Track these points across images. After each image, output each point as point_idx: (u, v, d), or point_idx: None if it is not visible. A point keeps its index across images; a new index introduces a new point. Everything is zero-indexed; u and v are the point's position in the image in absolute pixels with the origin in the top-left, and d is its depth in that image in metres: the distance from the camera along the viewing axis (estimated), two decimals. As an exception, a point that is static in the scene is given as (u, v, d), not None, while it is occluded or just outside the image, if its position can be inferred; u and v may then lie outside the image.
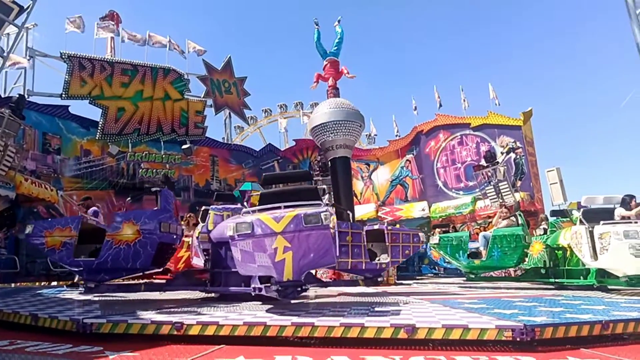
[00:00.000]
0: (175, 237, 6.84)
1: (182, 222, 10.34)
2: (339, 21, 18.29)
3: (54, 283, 13.42)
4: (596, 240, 7.08)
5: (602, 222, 7.08)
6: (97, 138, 19.14)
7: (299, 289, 5.04)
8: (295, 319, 3.77)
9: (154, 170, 20.45)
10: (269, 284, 4.82)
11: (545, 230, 10.34)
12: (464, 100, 22.32)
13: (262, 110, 29.07)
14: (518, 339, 3.24)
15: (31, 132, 16.39)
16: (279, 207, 4.59)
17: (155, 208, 6.20)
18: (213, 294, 6.61)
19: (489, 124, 20.81)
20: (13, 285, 13.11)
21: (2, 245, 13.91)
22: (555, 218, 10.50)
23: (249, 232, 4.30)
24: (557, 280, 8.55)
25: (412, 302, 5.48)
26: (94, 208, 8.17)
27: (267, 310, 4.60)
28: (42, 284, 13.76)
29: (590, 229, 7.28)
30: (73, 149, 18.87)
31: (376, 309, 4.65)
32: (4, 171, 10.94)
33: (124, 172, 20.25)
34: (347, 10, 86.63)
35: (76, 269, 6.29)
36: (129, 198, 15.49)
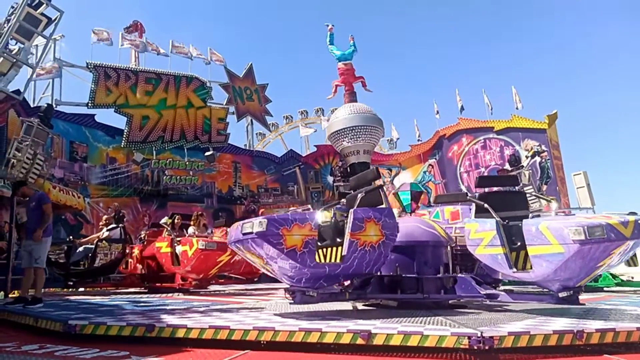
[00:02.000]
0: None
1: (192, 222, 10.49)
2: (352, 39, 18.35)
3: (81, 289, 13.63)
4: None
5: None
6: (122, 146, 19.49)
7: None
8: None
9: (178, 177, 20.72)
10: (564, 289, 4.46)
11: None
12: (488, 104, 22.01)
13: (283, 116, 29.17)
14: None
15: (59, 141, 16.79)
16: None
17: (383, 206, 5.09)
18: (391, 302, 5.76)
19: (513, 128, 20.47)
20: (43, 290, 13.37)
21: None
22: None
23: (604, 237, 3.91)
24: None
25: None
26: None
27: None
28: (70, 290, 13.99)
29: None
30: (99, 156, 19.24)
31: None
32: (33, 179, 11.16)
33: (149, 179, 20.56)
34: (368, 15, 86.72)
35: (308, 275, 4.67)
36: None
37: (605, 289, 9.93)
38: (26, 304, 5.75)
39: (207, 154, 20.46)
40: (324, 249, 4.52)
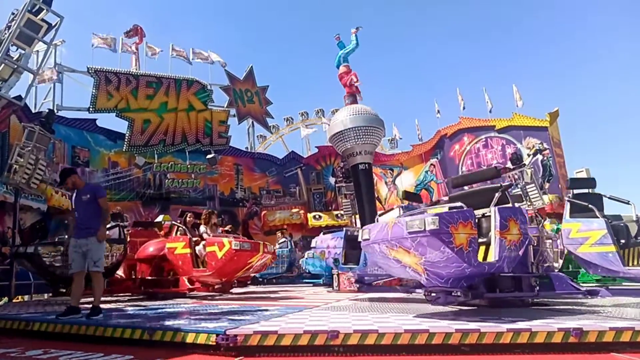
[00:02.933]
0: None
1: (202, 221, 9.71)
2: (357, 29, 18.31)
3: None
4: None
5: None
6: (124, 150, 19.56)
7: None
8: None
9: (180, 180, 20.75)
10: None
11: None
12: (488, 102, 21.98)
13: (284, 118, 29.20)
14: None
15: (61, 146, 16.84)
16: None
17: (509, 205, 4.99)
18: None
19: (515, 126, 20.45)
20: (46, 296, 13.41)
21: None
22: None
23: None
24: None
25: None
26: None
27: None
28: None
29: None
30: (101, 161, 19.29)
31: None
32: (36, 184, 11.18)
33: (151, 183, 20.59)
34: (367, 14, 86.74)
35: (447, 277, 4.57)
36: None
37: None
38: (90, 315, 4.90)
39: (208, 156, 20.51)
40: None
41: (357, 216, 17.26)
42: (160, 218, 12.83)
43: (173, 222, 10.48)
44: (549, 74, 78.71)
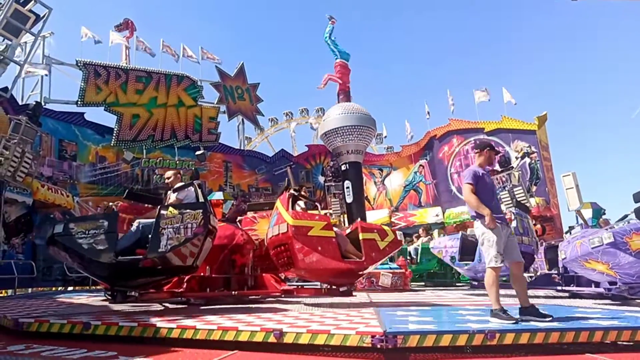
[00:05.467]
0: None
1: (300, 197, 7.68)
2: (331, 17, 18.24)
3: (70, 288, 13.55)
4: None
5: None
6: (112, 144, 19.36)
7: None
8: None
9: (168, 176, 20.62)
10: None
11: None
12: (484, 99, 22.07)
13: (269, 119, 29.21)
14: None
15: (47, 139, 16.62)
16: None
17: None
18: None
19: (503, 129, 20.63)
20: (30, 290, 13.28)
21: (20, 250, 14.09)
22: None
23: None
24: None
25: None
26: None
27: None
28: (59, 288, 13.91)
29: None
30: (88, 155, 19.07)
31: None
32: (22, 177, 11.07)
33: (139, 178, 20.41)
34: (358, 15, 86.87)
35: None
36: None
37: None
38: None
39: (197, 153, 20.35)
40: None
41: (346, 215, 17.31)
42: (219, 195, 12.30)
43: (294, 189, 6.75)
44: (539, 79, 79.42)
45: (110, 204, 7.73)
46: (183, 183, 6.16)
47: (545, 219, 17.33)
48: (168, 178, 6.32)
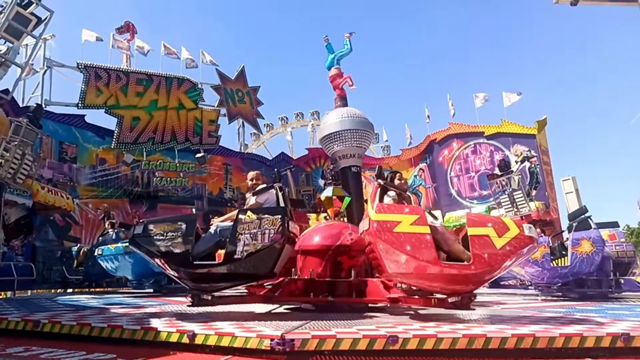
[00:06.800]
0: None
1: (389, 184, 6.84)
2: (351, 34, 18.40)
3: (69, 290, 13.54)
4: None
5: None
6: (112, 147, 19.38)
7: None
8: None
9: (168, 179, 20.64)
10: None
11: None
12: (480, 104, 22.12)
13: (265, 124, 29.32)
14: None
15: (48, 141, 16.64)
16: None
17: None
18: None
19: (503, 133, 20.66)
20: (30, 292, 13.26)
21: (19, 252, 14.08)
22: None
23: None
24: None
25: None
26: None
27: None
28: (58, 291, 13.89)
29: None
30: (89, 157, 19.09)
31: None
32: (22, 179, 11.08)
33: (139, 181, 20.42)
34: (361, 19, 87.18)
35: None
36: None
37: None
38: None
39: (197, 155, 20.38)
40: None
41: (345, 219, 17.30)
42: (328, 192, 11.75)
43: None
44: (538, 82, 79.55)
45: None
46: (264, 185, 5.78)
47: (545, 223, 17.31)
48: (250, 180, 5.94)
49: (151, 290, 10.47)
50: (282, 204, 5.39)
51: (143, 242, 5.20)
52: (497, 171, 17.25)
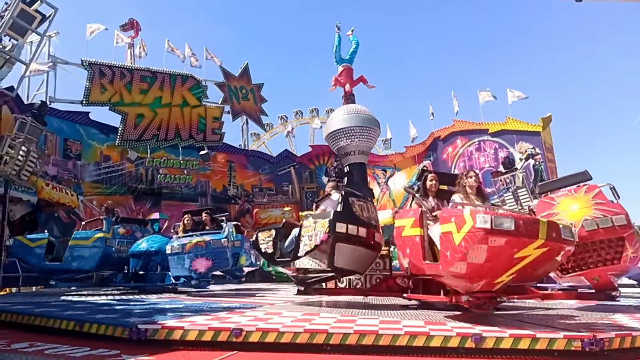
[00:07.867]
0: None
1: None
2: (352, 31, 18.41)
3: (73, 287, 13.57)
4: None
5: None
6: (116, 144, 19.45)
7: None
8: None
9: (172, 176, 20.69)
10: None
11: None
12: (486, 100, 22.00)
13: (265, 124, 29.37)
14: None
15: (52, 138, 16.73)
16: None
17: None
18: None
19: (508, 130, 20.56)
20: (34, 288, 13.30)
21: (24, 249, 14.11)
22: None
23: None
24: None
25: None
26: None
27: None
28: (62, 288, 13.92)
29: None
30: (93, 154, 19.17)
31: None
32: (26, 176, 11.10)
33: (143, 178, 20.49)
34: (364, 16, 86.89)
35: None
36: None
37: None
38: None
39: (201, 152, 20.44)
40: None
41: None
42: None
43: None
44: (543, 79, 79.21)
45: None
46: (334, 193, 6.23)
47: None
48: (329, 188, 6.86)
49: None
50: (339, 210, 5.60)
51: (256, 245, 6.70)
52: (501, 168, 17.22)
